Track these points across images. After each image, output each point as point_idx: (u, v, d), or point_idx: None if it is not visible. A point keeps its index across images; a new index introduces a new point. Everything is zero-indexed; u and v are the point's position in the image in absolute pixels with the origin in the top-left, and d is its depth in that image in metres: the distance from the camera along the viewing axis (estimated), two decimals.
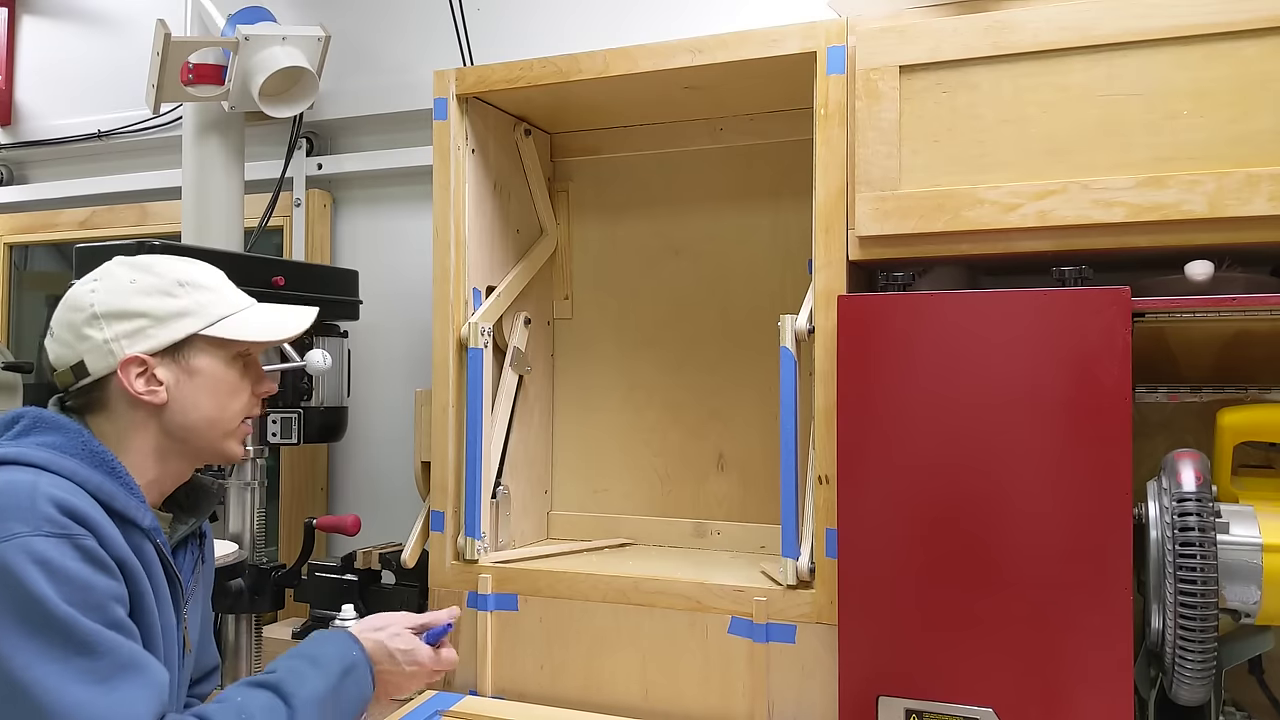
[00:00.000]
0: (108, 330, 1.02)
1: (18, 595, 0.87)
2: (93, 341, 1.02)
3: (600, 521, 1.83)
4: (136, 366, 1.02)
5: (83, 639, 0.88)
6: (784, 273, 1.71)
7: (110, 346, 1.02)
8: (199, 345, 1.05)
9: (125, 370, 1.01)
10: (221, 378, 1.07)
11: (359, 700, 1.09)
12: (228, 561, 1.58)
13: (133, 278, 1.05)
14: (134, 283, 1.04)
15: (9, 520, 0.89)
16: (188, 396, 1.05)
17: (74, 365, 1.02)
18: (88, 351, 1.02)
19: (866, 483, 1.25)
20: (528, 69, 1.55)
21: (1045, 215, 1.22)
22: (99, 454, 0.99)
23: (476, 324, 1.59)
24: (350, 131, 2.18)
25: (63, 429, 1.00)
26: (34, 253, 2.60)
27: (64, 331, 1.03)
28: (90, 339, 1.02)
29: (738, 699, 1.40)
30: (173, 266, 1.07)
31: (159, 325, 1.03)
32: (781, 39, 1.40)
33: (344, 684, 1.06)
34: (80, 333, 1.02)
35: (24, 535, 0.88)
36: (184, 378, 1.05)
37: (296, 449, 2.06)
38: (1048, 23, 1.23)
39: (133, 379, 1.02)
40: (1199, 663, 1.09)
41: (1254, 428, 1.23)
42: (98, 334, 1.02)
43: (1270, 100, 1.15)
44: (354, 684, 1.08)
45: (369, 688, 1.10)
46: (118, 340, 1.02)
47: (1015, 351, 1.19)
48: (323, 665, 1.05)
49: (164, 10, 1.97)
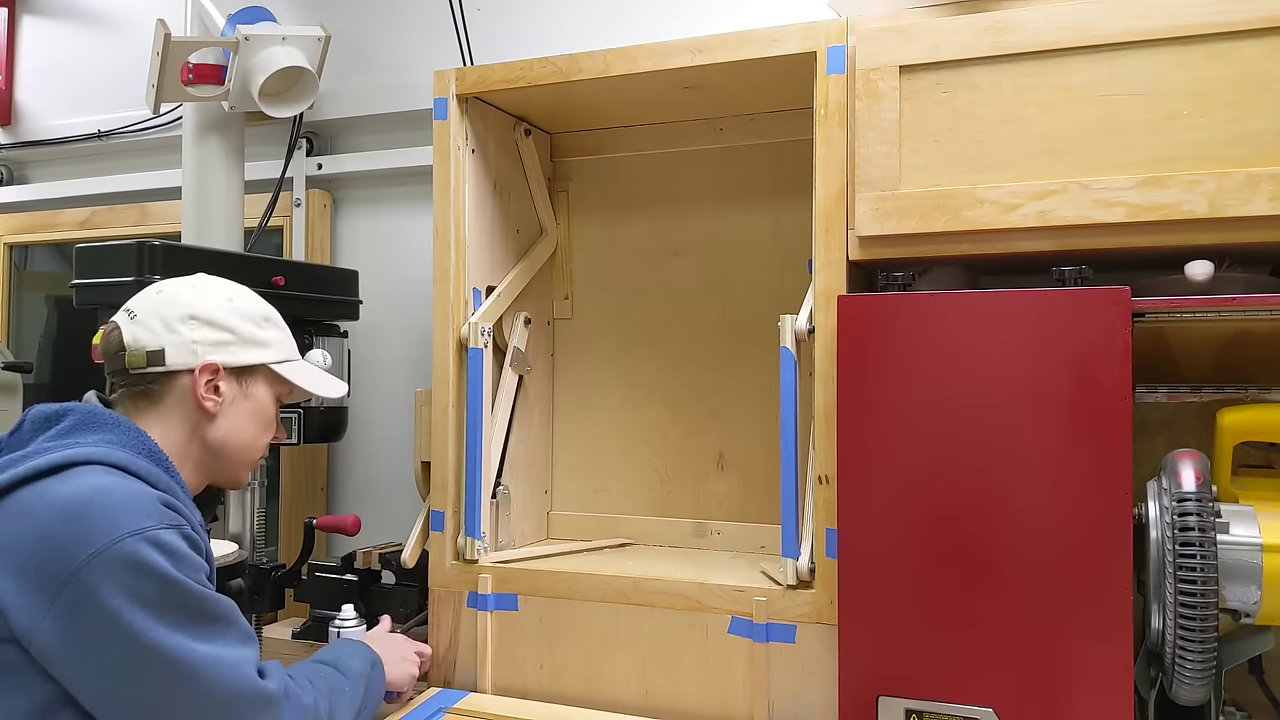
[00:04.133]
0: (198, 333, 1.12)
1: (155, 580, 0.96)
2: (181, 337, 1.11)
3: (600, 521, 1.83)
4: (210, 372, 1.12)
5: (208, 609, 1.01)
6: (784, 273, 1.71)
7: (195, 347, 1.11)
8: (262, 376, 1.18)
9: (200, 372, 1.11)
10: (265, 410, 1.19)
11: (378, 697, 1.28)
12: (228, 561, 1.58)
13: (230, 296, 1.17)
14: (231, 300, 1.16)
15: (135, 515, 0.97)
16: (236, 417, 1.15)
17: (152, 351, 1.10)
18: (173, 344, 1.10)
19: (866, 483, 1.25)
20: (528, 69, 1.55)
21: (1045, 215, 1.22)
22: (157, 454, 1.08)
23: (476, 324, 1.59)
24: (350, 131, 2.18)
25: (119, 427, 1.07)
26: (34, 253, 2.60)
27: (152, 319, 1.12)
28: (179, 334, 1.11)
29: (738, 699, 1.40)
30: (261, 302, 1.21)
31: (242, 346, 1.14)
32: (781, 39, 1.40)
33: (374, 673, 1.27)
34: (171, 325, 1.11)
35: (152, 528, 0.97)
36: (240, 398, 1.16)
37: (296, 449, 2.06)
38: (1048, 23, 1.23)
39: (203, 382, 1.11)
40: (1199, 663, 1.09)
41: (1254, 428, 1.23)
42: (189, 332, 1.11)
43: (1270, 100, 1.15)
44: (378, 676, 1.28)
45: (383, 689, 1.30)
46: (203, 344, 1.12)
47: (1015, 351, 1.19)
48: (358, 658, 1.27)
49: (164, 10, 1.97)
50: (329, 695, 1.14)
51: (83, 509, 0.95)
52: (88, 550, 0.93)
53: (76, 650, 0.93)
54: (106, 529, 0.94)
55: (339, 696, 1.16)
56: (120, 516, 0.95)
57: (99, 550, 0.93)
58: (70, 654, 0.93)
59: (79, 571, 0.92)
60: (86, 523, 0.94)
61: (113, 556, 0.93)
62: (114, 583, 0.93)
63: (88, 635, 0.93)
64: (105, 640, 0.93)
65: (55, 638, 0.92)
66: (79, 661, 0.93)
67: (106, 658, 0.94)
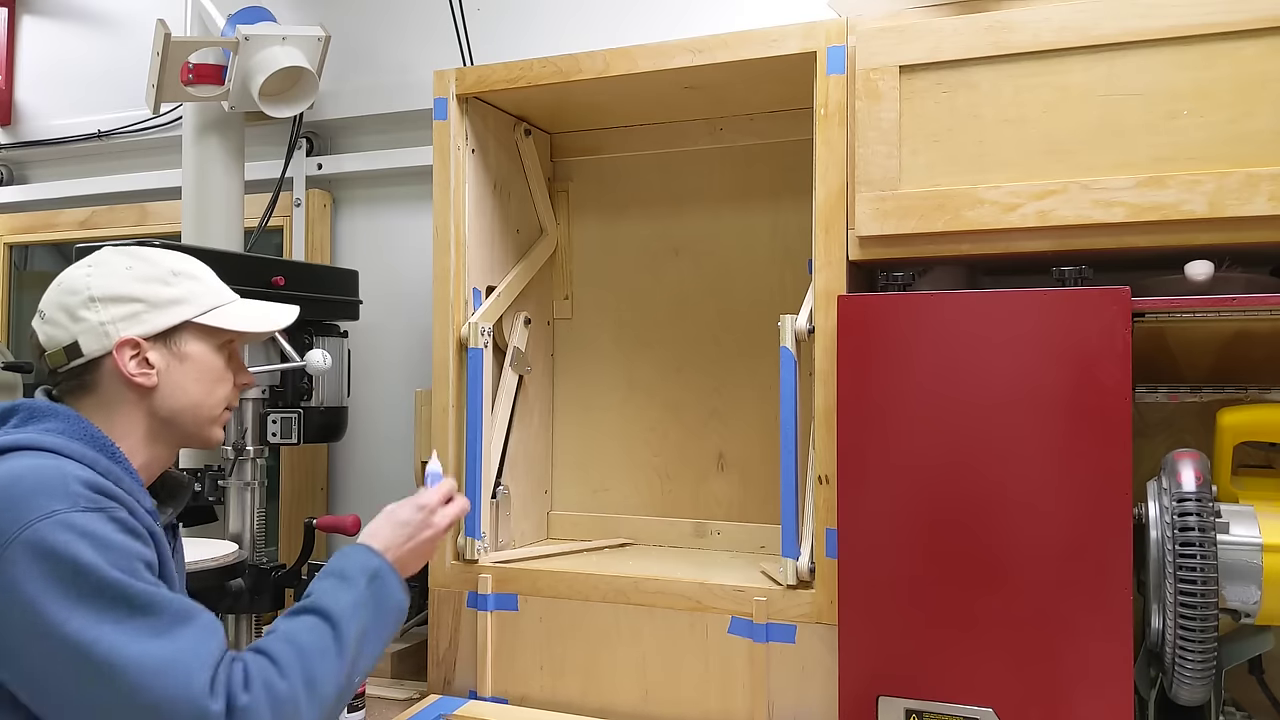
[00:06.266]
0: (104, 313, 1.05)
1: (68, 567, 0.89)
2: (88, 323, 1.05)
3: (600, 521, 1.83)
4: (130, 348, 1.05)
5: (137, 599, 0.91)
6: (784, 273, 1.71)
7: (106, 329, 1.05)
8: (190, 332, 1.09)
9: (120, 351, 1.05)
10: (209, 365, 1.11)
11: (395, 608, 1.11)
12: (228, 561, 1.58)
13: (128, 264, 1.08)
14: (130, 269, 1.08)
15: (46, 499, 0.91)
16: (176, 381, 1.09)
17: (67, 346, 1.05)
18: (83, 333, 1.05)
19: (866, 483, 1.25)
20: (528, 69, 1.55)
21: (1045, 215, 1.22)
22: (98, 438, 1.03)
23: (476, 324, 1.59)
24: (350, 131, 2.18)
25: (59, 415, 1.03)
26: (34, 253, 2.60)
27: (57, 313, 1.06)
28: (86, 320, 1.05)
29: (738, 699, 1.40)
30: (165, 256, 1.11)
31: (154, 311, 1.07)
32: (781, 39, 1.40)
33: (372, 589, 1.08)
34: (75, 314, 1.05)
35: (64, 511, 0.91)
36: (174, 363, 1.08)
37: (296, 449, 2.06)
38: (1047, 23, 1.23)
39: (126, 360, 1.05)
40: (1199, 663, 1.09)
41: (1254, 428, 1.23)
42: (94, 316, 1.05)
43: (1270, 100, 1.15)
44: (382, 588, 1.10)
45: (400, 594, 1.12)
46: (114, 323, 1.05)
47: (1015, 352, 1.19)
48: (350, 578, 1.08)
49: (164, 10, 1.97)
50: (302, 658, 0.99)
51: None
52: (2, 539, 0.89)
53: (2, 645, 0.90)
54: (17, 516, 0.90)
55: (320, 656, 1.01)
56: (31, 501, 0.91)
57: (10, 538, 0.89)
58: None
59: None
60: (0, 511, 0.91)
61: (24, 543, 0.89)
62: (27, 570, 0.88)
63: (9, 628, 0.89)
64: (24, 633, 0.89)
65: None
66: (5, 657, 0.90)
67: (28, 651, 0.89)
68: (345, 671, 1.02)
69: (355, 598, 1.06)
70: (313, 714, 0.98)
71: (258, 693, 0.94)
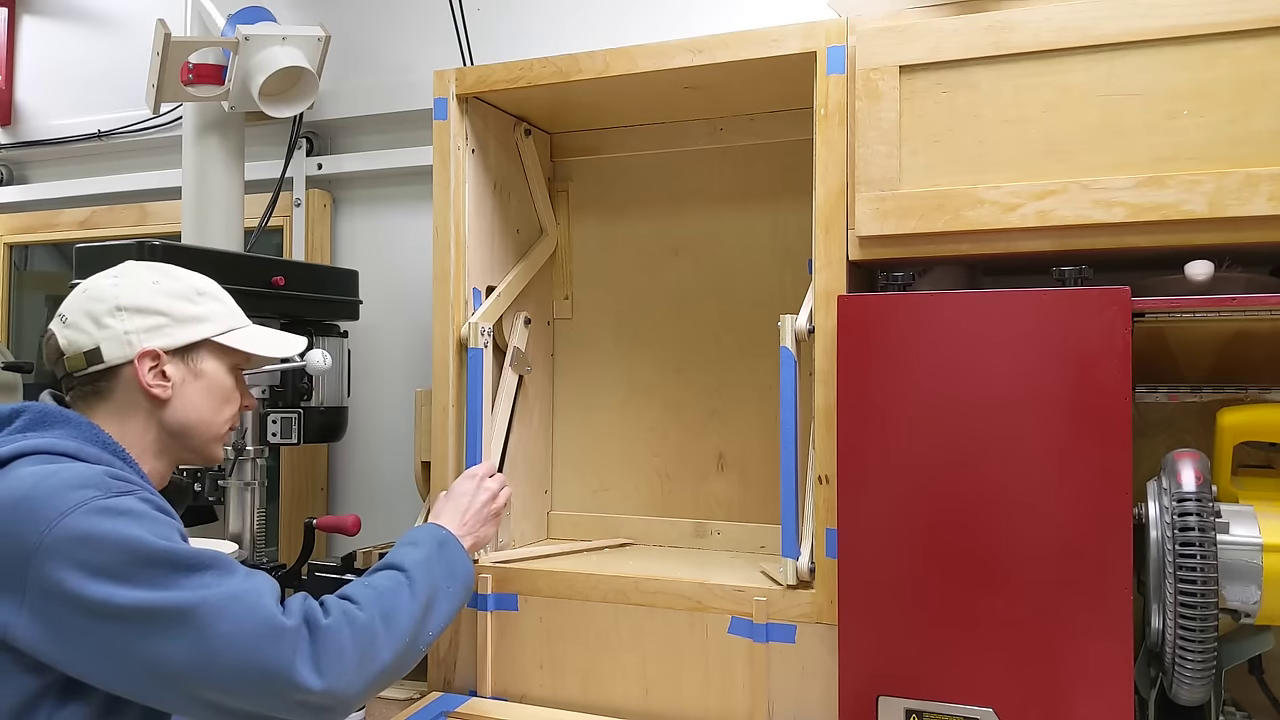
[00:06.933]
0: (128, 323, 1.08)
1: (115, 544, 0.92)
2: (112, 330, 1.08)
3: (600, 521, 1.83)
4: (150, 359, 1.09)
5: (185, 560, 0.95)
6: (784, 273, 1.71)
7: (129, 338, 1.08)
8: (207, 350, 1.14)
9: (140, 361, 1.08)
10: (220, 384, 1.16)
11: (464, 572, 1.21)
12: None
13: (155, 279, 1.13)
14: (157, 284, 1.12)
15: (79, 489, 0.94)
16: (189, 396, 1.12)
17: (88, 351, 1.08)
18: (106, 339, 1.08)
19: (866, 483, 1.25)
20: (528, 69, 1.55)
21: (1045, 215, 1.22)
22: (111, 445, 1.06)
23: (476, 324, 1.59)
24: (350, 131, 2.18)
25: (71, 421, 1.05)
26: (34, 253, 2.60)
27: (81, 318, 1.09)
28: (110, 328, 1.08)
29: (738, 699, 1.40)
30: (190, 276, 1.17)
31: (177, 325, 1.11)
32: (781, 39, 1.40)
33: (443, 552, 1.19)
34: (100, 321, 1.08)
35: (99, 498, 0.94)
36: (189, 378, 1.12)
37: (296, 449, 2.06)
38: (1047, 23, 1.23)
39: (145, 370, 1.08)
40: (1199, 663, 1.09)
41: (1254, 428, 1.23)
42: (118, 324, 1.08)
43: (1270, 100, 1.15)
44: (452, 553, 1.21)
45: (467, 562, 1.23)
46: (137, 333, 1.08)
47: (1015, 351, 1.19)
48: (420, 543, 1.19)
49: (164, 10, 1.97)
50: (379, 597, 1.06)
51: (27, 497, 0.93)
52: (37, 536, 0.91)
53: (60, 639, 0.91)
54: (50, 511, 0.92)
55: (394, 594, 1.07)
56: (62, 496, 0.93)
57: (46, 533, 0.91)
58: (56, 643, 0.91)
59: (33, 560, 0.90)
60: (31, 509, 0.92)
61: (60, 536, 0.91)
62: (66, 562, 0.90)
63: (63, 622, 0.91)
64: (79, 622, 0.91)
65: (34, 632, 0.91)
66: (67, 650, 0.92)
67: (90, 640, 0.91)
68: (419, 615, 1.08)
69: (425, 555, 1.16)
70: (390, 646, 1.03)
71: (337, 617, 1.00)
